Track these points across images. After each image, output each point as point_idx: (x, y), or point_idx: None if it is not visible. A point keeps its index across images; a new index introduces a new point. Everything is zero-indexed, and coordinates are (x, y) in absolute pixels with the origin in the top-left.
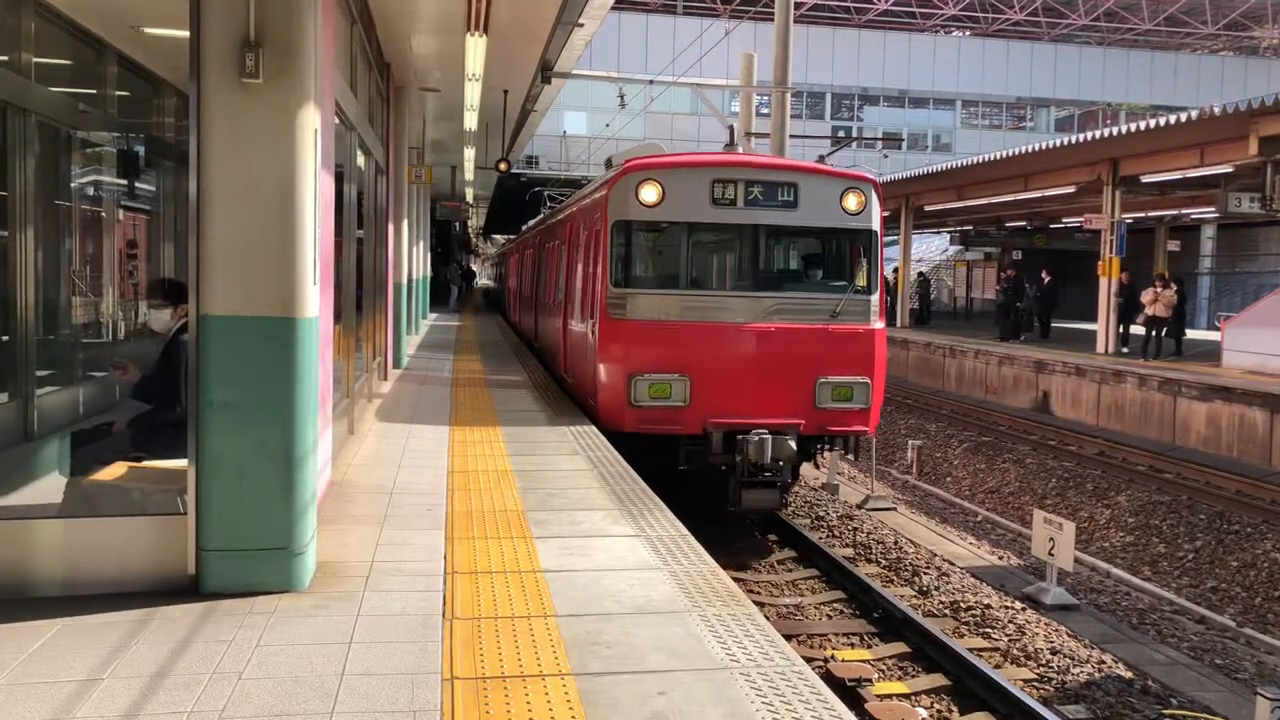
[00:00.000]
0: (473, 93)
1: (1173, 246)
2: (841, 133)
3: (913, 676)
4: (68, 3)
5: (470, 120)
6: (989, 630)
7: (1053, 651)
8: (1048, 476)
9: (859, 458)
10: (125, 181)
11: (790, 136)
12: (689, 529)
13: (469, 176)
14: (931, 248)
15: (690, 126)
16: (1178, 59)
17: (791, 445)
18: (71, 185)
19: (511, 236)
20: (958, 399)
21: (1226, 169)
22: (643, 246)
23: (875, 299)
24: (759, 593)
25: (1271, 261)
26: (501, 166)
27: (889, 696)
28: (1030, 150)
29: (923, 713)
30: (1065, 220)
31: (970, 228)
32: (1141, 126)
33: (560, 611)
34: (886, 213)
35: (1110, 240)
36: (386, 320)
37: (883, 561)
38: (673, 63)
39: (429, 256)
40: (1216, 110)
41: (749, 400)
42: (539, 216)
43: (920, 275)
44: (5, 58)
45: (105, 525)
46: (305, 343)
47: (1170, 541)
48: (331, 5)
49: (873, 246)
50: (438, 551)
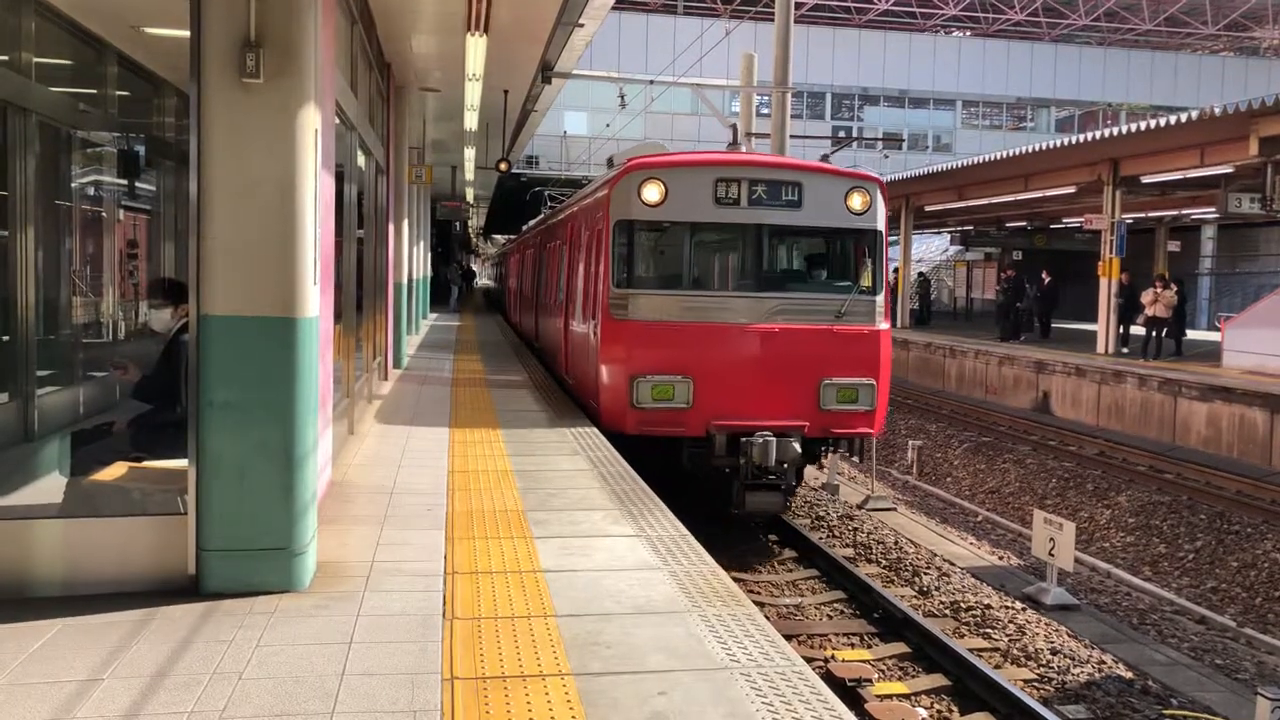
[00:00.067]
0: (473, 93)
1: (1173, 247)
2: (842, 133)
3: (913, 677)
4: (68, 2)
5: (470, 120)
6: (989, 630)
7: (1053, 652)
8: (1048, 477)
9: (864, 460)
10: (125, 181)
11: (790, 137)
12: (690, 529)
13: (469, 176)
14: (932, 248)
15: (691, 127)
16: (1178, 59)
17: (796, 447)
18: (72, 185)
19: (512, 236)
20: (958, 399)
21: (1227, 169)
22: (645, 246)
23: (880, 299)
24: (759, 593)
25: (1272, 262)
26: (502, 166)
27: (889, 697)
28: (1030, 150)
29: (923, 713)
30: (1065, 220)
31: (970, 228)
32: (1142, 127)
33: (560, 611)
34: (889, 213)
35: (1110, 240)
36: (387, 320)
37: (883, 562)
38: (673, 63)
39: (429, 256)
40: (1217, 111)
41: (753, 402)
42: (540, 216)
43: (920, 275)
44: (5, 57)
45: (105, 525)
46: (305, 343)
47: (1170, 542)
48: (331, 5)
49: (878, 246)
50: (438, 551)
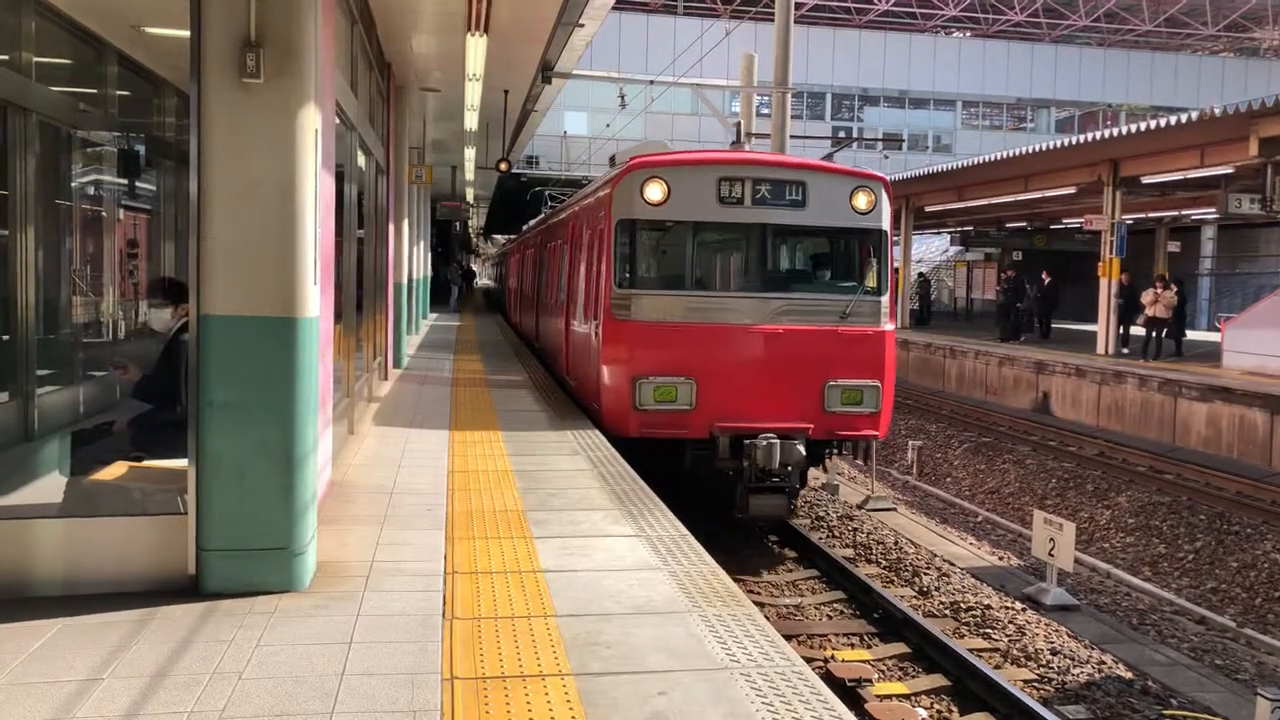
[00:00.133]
0: (473, 93)
1: (1173, 247)
2: (842, 133)
3: (913, 677)
4: (68, 2)
5: (470, 120)
6: (989, 631)
7: (1053, 652)
8: (1048, 477)
9: (869, 462)
10: (125, 181)
11: (790, 137)
12: (689, 529)
13: (469, 176)
14: (932, 248)
15: (691, 127)
16: (1178, 60)
17: (800, 450)
18: (72, 185)
19: (512, 236)
20: (958, 399)
21: (1227, 170)
22: (647, 246)
23: (885, 300)
24: (759, 593)
25: (1272, 263)
26: (502, 166)
27: (889, 697)
28: (1031, 151)
29: (923, 713)
30: (1065, 221)
31: (970, 228)
32: (1142, 127)
33: (560, 611)
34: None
35: (1110, 241)
36: (387, 320)
37: (883, 562)
38: (673, 63)
39: (429, 256)
40: (1217, 111)
41: (756, 404)
42: (540, 216)
43: (920, 276)
44: (6, 57)
45: (105, 525)
46: (305, 343)
47: (1170, 542)
48: (332, 5)
49: (883, 246)
50: (438, 551)
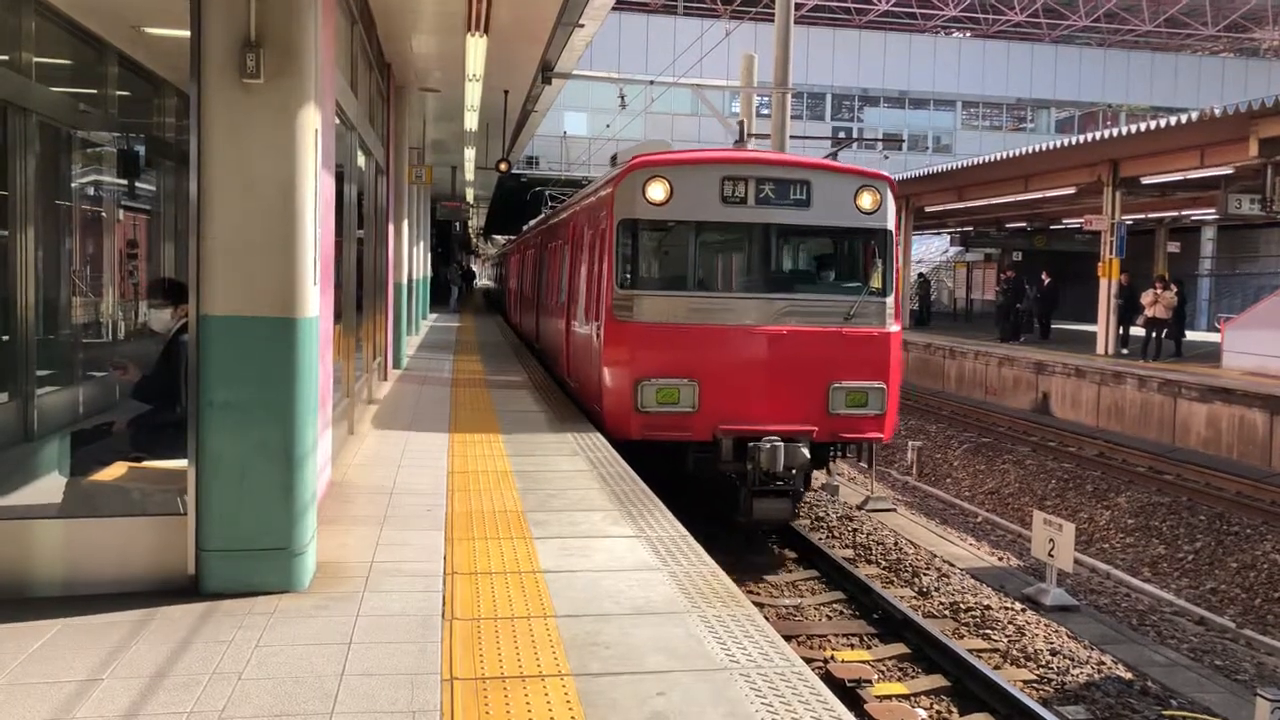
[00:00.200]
0: (473, 93)
1: (1173, 248)
2: (842, 134)
3: (912, 677)
4: (68, 2)
5: (470, 120)
6: (989, 631)
7: (1052, 653)
8: (1047, 478)
9: (873, 465)
10: (125, 181)
11: (790, 137)
12: (689, 529)
13: (469, 177)
14: (931, 249)
15: (691, 127)
16: (1178, 60)
17: (805, 453)
18: (72, 185)
19: (512, 237)
20: (958, 400)
21: (1227, 170)
22: (650, 246)
23: (891, 301)
24: (759, 593)
25: (1272, 263)
26: (502, 167)
27: (889, 697)
28: (1030, 151)
29: (922, 713)
30: (1065, 221)
31: (970, 229)
32: (1142, 128)
33: (560, 612)
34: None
35: (1110, 241)
36: (386, 320)
37: (882, 562)
38: (673, 63)
39: (429, 257)
40: (1217, 112)
41: (760, 406)
42: (541, 216)
43: (920, 276)
44: (6, 57)
45: (105, 525)
46: (305, 343)
47: (1170, 543)
48: (332, 5)
49: (888, 246)
50: (437, 552)
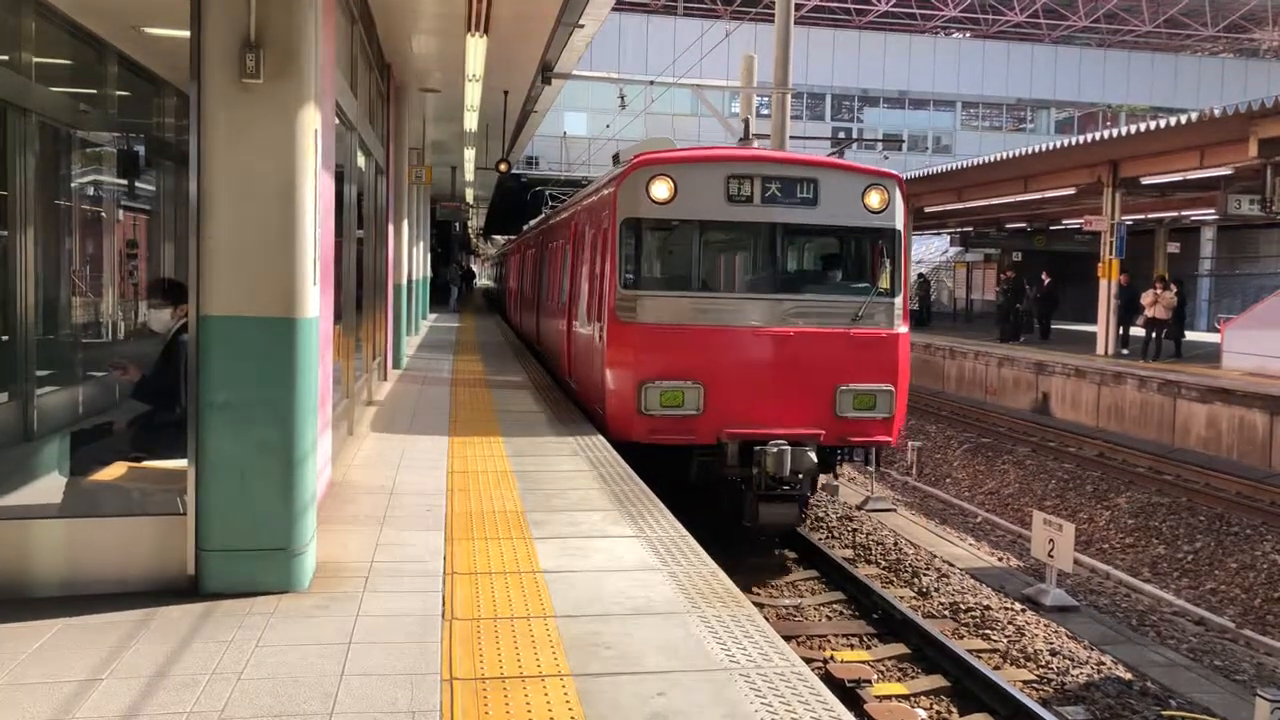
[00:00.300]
0: (473, 93)
1: (1172, 248)
2: (842, 134)
3: (912, 678)
4: (68, 2)
5: (470, 121)
6: (988, 631)
7: (1052, 653)
8: (1047, 478)
9: (879, 468)
10: (125, 181)
11: (790, 138)
12: (689, 530)
13: (469, 177)
14: (931, 249)
15: (691, 128)
16: (1178, 61)
17: (811, 457)
18: (72, 185)
19: (512, 237)
20: (957, 400)
21: (1226, 171)
22: (653, 246)
23: (899, 302)
24: (758, 594)
25: (1271, 263)
26: (502, 167)
27: (888, 697)
28: (1030, 152)
29: (922, 714)
30: (1065, 222)
31: (970, 229)
32: (1141, 128)
33: (560, 612)
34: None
35: (1110, 242)
36: (386, 320)
37: (882, 563)
38: (673, 64)
39: (429, 257)
40: (1216, 112)
41: (766, 409)
42: (541, 215)
43: (920, 277)
44: (5, 57)
45: (105, 525)
46: (305, 343)
47: (1170, 543)
48: (331, 5)
49: (896, 246)
50: (437, 552)
